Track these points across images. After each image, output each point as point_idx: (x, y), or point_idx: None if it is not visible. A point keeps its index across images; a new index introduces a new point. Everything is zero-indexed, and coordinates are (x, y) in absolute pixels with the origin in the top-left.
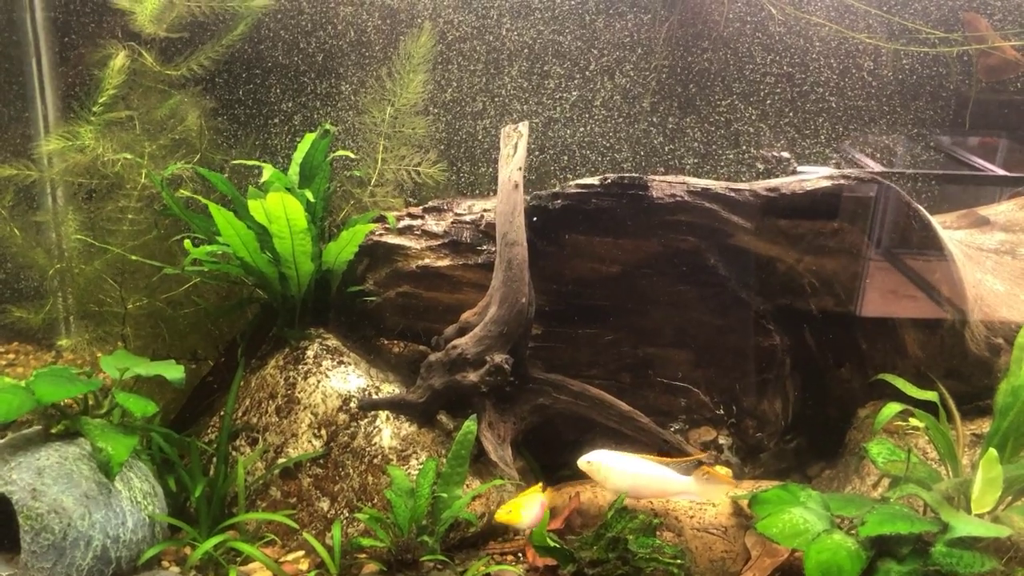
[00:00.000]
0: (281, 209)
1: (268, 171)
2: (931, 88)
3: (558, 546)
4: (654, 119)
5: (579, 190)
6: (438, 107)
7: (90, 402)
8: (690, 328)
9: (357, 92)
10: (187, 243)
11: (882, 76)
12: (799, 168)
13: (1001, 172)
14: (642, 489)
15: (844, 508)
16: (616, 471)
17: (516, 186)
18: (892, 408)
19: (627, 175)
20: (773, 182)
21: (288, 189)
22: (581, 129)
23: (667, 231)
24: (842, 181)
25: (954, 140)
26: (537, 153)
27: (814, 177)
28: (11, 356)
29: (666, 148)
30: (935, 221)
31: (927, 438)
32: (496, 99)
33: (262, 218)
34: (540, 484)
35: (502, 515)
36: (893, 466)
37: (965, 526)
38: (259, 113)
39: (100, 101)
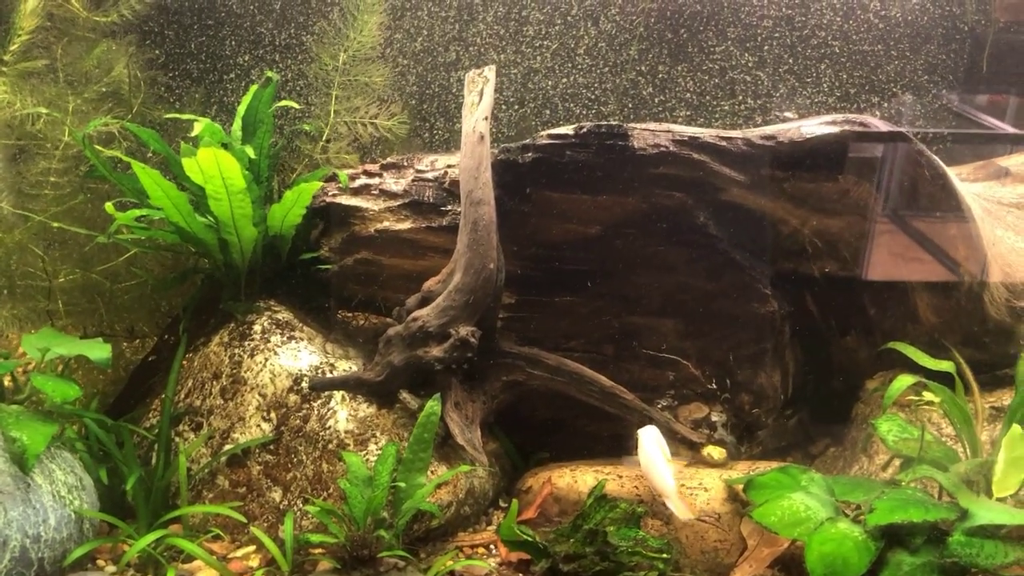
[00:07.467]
0: (215, 167)
1: (200, 124)
2: (944, 30)
3: (529, 539)
4: (642, 68)
5: (552, 141)
6: (407, 58)
7: (7, 386)
8: (678, 294)
9: (319, 43)
10: (109, 207)
11: (890, 17)
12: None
13: (1012, 130)
14: (647, 476)
15: (850, 492)
16: (642, 450)
17: (482, 138)
18: (904, 380)
19: (604, 123)
20: (769, 129)
21: (224, 145)
22: (564, 80)
23: (651, 186)
24: (847, 127)
25: (963, 98)
26: (516, 107)
27: (815, 123)
28: None
29: (656, 99)
30: (951, 173)
31: (941, 412)
32: (471, 48)
33: (198, 178)
34: None
35: None
36: (905, 445)
37: (986, 512)
38: (213, 68)
39: (11, 49)
